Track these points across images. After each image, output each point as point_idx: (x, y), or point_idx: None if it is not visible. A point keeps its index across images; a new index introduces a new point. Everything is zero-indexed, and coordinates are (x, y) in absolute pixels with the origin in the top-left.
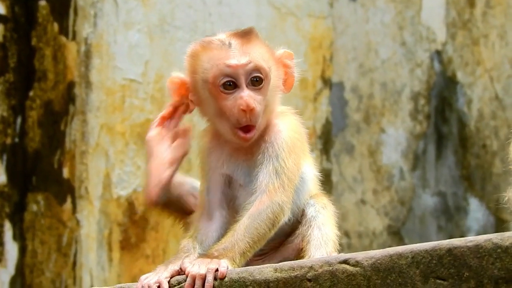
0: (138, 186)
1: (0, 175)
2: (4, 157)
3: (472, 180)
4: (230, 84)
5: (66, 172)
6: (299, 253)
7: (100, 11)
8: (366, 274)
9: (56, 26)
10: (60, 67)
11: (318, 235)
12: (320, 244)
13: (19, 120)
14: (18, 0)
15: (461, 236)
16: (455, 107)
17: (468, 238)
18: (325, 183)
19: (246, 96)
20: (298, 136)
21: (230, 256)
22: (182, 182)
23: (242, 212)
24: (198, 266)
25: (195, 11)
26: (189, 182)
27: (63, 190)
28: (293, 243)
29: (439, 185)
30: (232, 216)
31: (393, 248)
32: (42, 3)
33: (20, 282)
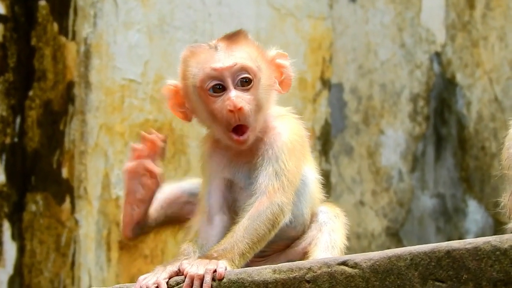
0: None
1: None
2: (3, 156)
3: (471, 182)
4: (219, 87)
5: (65, 172)
6: (304, 256)
7: (99, 11)
8: (364, 276)
9: (55, 26)
10: (59, 67)
11: (327, 239)
12: (327, 247)
13: (18, 119)
14: (18, 0)
15: (459, 238)
16: (454, 109)
17: (467, 240)
18: (324, 184)
19: (233, 96)
20: (299, 139)
21: (229, 257)
22: (178, 195)
23: (241, 214)
24: (196, 267)
25: (195, 11)
26: (186, 190)
27: (62, 190)
28: (300, 246)
29: (438, 186)
30: (232, 220)
31: (391, 250)
32: (42, 3)
33: (19, 282)
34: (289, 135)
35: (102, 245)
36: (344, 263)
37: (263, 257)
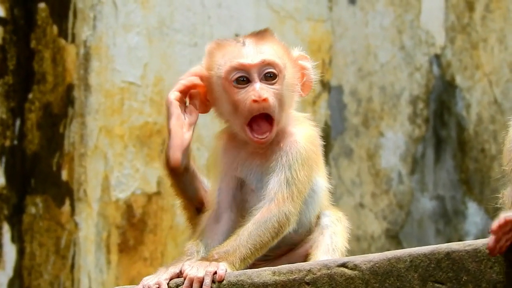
0: (136, 189)
1: None
2: (3, 159)
3: (471, 184)
4: (243, 79)
5: (64, 175)
6: (306, 258)
7: (99, 14)
8: (364, 278)
9: (55, 28)
10: (59, 70)
11: (328, 241)
12: (328, 250)
13: (18, 122)
14: (18, 2)
15: (459, 240)
16: (454, 111)
17: (466, 242)
18: None
19: (258, 88)
20: (314, 148)
21: (230, 260)
22: (200, 179)
23: (248, 217)
24: (196, 269)
25: (194, 14)
26: (204, 181)
27: (62, 192)
28: (301, 249)
29: (438, 189)
30: (240, 220)
31: (391, 251)
32: (42, 5)
33: (18, 284)
34: (305, 144)
35: (102, 247)
36: (343, 265)
37: (265, 261)
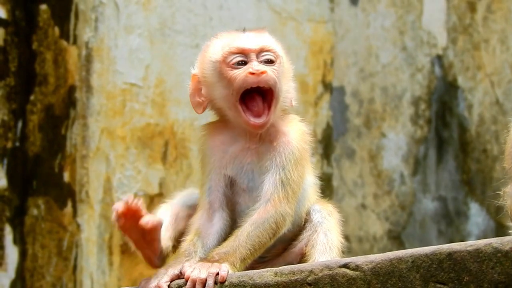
0: (138, 190)
1: (1, 179)
2: (5, 161)
3: (473, 184)
4: (242, 62)
5: (66, 176)
6: (302, 257)
7: (101, 15)
8: (366, 278)
9: (57, 30)
10: (61, 71)
11: (324, 240)
12: (325, 249)
13: (19, 124)
14: (19, 4)
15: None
16: (455, 112)
17: (468, 243)
18: (325, 188)
19: (255, 63)
20: (306, 147)
21: (231, 261)
22: (177, 211)
23: (245, 218)
24: (198, 271)
25: (196, 15)
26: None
27: (64, 194)
28: (296, 248)
29: (440, 189)
30: (232, 218)
31: (393, 252)
32: (43, 7)
33: (21, 286)
34: (298, 144)
35: (104, 249)
36: (345, 266)
37: (263, 262)
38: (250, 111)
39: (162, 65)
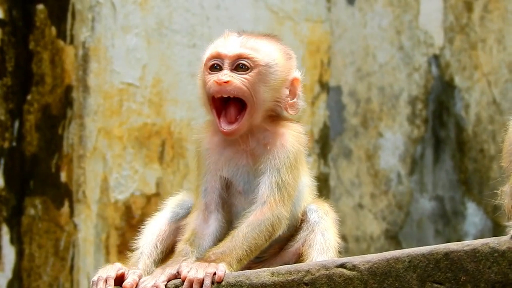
0: (135, 190)
1: None
2: (2, 161)
3: (470, 184)
4: (217, 67)
5: (63, 176)
6: (299, 257)
7: (98, 15)
8: (363, 278)
9: (54, 30)
10: (57, 71)
11: (321, 240)
12: (322, 249)
13: (16, 124)
14: (16, 4)
15: (458, 241)
16: (452, 112)
17: (465, 242)
18: (322, 187)
19: (223, 73)
20: (301, 150)
21: (227, 261)
22: (165, 229)
23: (241, 219)
24: (195, 270)
25: (193, 15)
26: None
27: (61, 194)
28: (293, 248)
29: (437, 189)
30: (227, 220)
31: (390, 252)
32: (40, 7)
33: (18, 286)
34: (292, 147)
35: (101, 249)
36: (342, 266)
37: (259, 262)
38: (225, 117)
39: (159, 64)
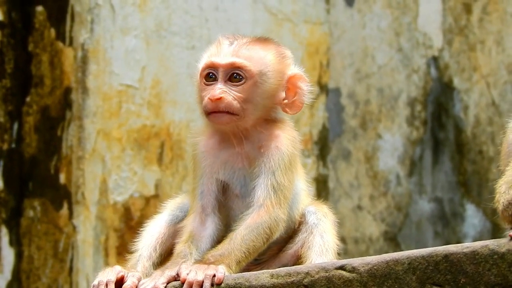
0: (134, 192)
1: None
2: (1, 162)
3: (469, 186)
4: (212, 76)
5: (62, 178)
6: (298, 259)
7: (97, 17)
8: (362, 280)
9: (53, 31)
10: (56, 73)
11: (320, 242)
12: (321, 251)
13: (15, 125)
14: (15, 6)
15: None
16: (451, 113)
17: (464, 244)
18: (321, 189)
19: (218, 88)
20: (296, 153)
21: (226, 263)
22: (164, 231)
23: (239, 222)
24: (195, 273)
25: (192, 16)
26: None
27: (60, 195)
28: (292, 250)
29: (436, 191)
30: (224, 223)
31: (389, 254)
32: (39, 9)
33: (17, 287)
34: (287, 150)
35: (100, 250)
36: (341, 268)
37: (258, 264)
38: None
39: (158, 66)
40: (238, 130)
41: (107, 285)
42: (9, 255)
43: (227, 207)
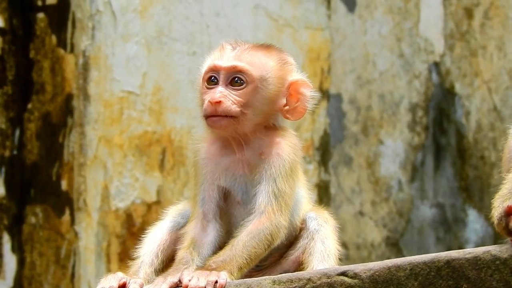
0: (136, 198)
1: None
2: (2, 169)
3: (471, 191)
4: (213, 79)
5: (64, 184)
6: (299, 265)
7: (98, 24)
8: (364, 286)
9: (54, 38)
10: (58, 80)
11: (321, 248)
12: (323, 257)
13: (17, 132)
14: (16, 13)
15: (459, 248)
16: (453, 119)
17: (466, 250)
18: (323, 195)
19: (218, 91)
20: (297, 160)
21: (228, 269)
22: (165, 238)
23: (240, 229)
24: (197, 279)
25: (193, 22)
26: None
27: (62, 202)
28: (293, 256)
29: (438, 196)
30: (226, 230)
31: (391, 260)
32: (40, 15)
33: None
34: (288, 157)
35: (102, 257)
36: (343, 274)
37: (260, 271)
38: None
39: (159, 72)
40: (238, 135)
41: None
42: (11, 261)
43: (228, 214)
